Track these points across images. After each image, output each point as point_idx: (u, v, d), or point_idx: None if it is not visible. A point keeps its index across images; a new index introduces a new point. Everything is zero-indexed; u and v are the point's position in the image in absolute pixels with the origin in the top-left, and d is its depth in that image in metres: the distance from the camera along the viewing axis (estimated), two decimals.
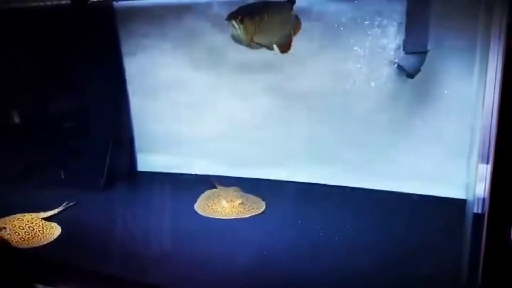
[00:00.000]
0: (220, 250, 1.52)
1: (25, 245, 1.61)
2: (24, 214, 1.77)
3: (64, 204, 1.87)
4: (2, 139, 2.18)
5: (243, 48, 1.47)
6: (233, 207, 1.77)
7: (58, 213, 1.83)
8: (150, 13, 2.01)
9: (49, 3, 1.72)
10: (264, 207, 1.80)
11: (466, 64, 1.66)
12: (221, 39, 1.91)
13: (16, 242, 1.61)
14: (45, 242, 1.63)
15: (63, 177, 2.12)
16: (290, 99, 1.96)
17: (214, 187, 2.01)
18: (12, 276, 1.59)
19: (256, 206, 1.80)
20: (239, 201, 1.80)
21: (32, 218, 1.74)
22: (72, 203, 1.89)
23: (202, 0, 1.89)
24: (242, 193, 1.92)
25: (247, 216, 1.73)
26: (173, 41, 2.04)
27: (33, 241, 1.63)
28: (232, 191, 1.93)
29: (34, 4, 1.74)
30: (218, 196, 1.87)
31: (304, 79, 1.91)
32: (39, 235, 1.66)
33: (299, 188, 2.01)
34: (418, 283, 1.30)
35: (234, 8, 1.41)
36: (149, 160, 2.29)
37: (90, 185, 2.05)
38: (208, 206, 1.82)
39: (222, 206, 1.78)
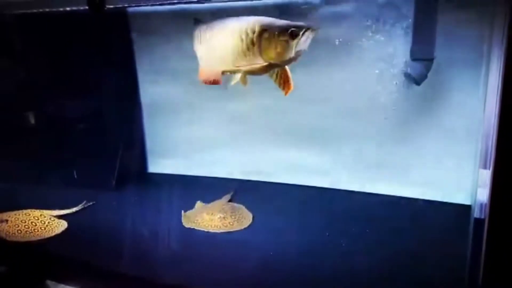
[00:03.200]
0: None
1: (20, 239, 1.64)
2: (35, 210, 1.81)
3: (82, 204, 1.90)
4: (18, 139, 2.24)
5: None
6: (212, 220, 1.71)
7: (75, 212, 1.86)
8: (164, 19, 2.06)
9: (68, 9, 1.78)
10: (247, 224, 1.72)
11: (473, 71, 1.67)
12: None
13: (12, 234, 1.65)
14: (42, 237, 1.66)
15: (76, 177, 2.16)
16: (298, 104, 1.96)
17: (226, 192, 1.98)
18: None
19: (239, 222, 1.71)
20: (219, 215, 1.73)
21: (41, 215, 1.77)
22: (90, 203, 1.92)
23: (220, 7, 1.93)
24: (235, 207, 1.84)
25: (222, 231, 1.66)
26: (185, 44, 2.08)
27: (31, 235, 1.66)
28: (221, 204, 1.86)
29: (54, 9, 1.79)
30: (205, 208, 1.82)
31: (310, 85, 1.93)
32: (38, 230, 1.68)
33: (302, 193, 2.02)
34: (419, 282, 1.32)
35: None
36: (160, 162, 2.33)
37: (101, 185, 2.10)
38: (192, 216, 1.77)
39: (202, 218, 1.73)
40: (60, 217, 1.81)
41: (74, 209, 1.87)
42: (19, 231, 1.67)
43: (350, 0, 1.76)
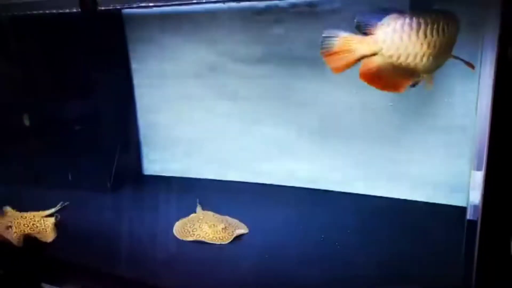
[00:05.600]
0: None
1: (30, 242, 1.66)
2: (27, 212, 1.83)
3: (59, 204, 1.94)
4: (13, 141, 2.25)
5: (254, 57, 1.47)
6: (216, 232, 1.65)
7: (55, 212, 1.89)
8: (159, 21, 2.06)
9: (60, 11, 1.78)
10: (246, 230, 1.70)
11: (469, 71, 1.66)
12: (231, 46, 1.96)
13: (22, 240, 1.66)
14: (48, 240, 1.69)
15: (70, 178, 2.17)
16: (289, 104, 1.98)
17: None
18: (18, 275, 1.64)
19: (238, 230, 1.68)
20: (222, 225, 1.68)
21: (34, 216, 1.79)
22: (66, 203, 1.96)
23: (211, 8, 1.93)
24: (223, 217, 1.80)
25: (230, 241, 1.62)
26: (181, 47, 2.09)
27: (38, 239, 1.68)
28: (212, 214, 1.81)
29: (47, 11, 1.80)
30: (198, 220, 1.76)
31: (304, 86, 1.94)
32: (43, 233, 1.71)
33: (297, 194, 2.02)
34: (411, 283, 1.33)
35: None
36: (156, 164, 2.33)
37: (97, 187, 2.10)
38: (188, 231, 1.70)
39: (204, 231, 1.67)
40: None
41: (53, 210, 1.90)
42: (27, 236, 1.68)
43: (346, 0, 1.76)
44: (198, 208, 1.89)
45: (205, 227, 1.68)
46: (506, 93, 1.05)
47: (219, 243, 1.62)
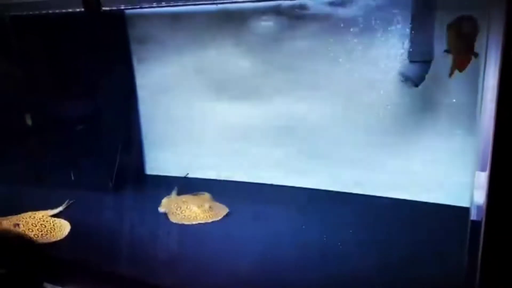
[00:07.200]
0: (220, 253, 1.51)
1: (39, 242, 1.66)
2: (35, 212, 1.83)
3: (66, 202, 1.95)
4: (16, 140, 2.26)
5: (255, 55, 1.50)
6: (205, 211, 1.76)
7: (61, 211, 1.90)
8: (161, 21, 2.07)
9: (64, 10, 1.79)
10: (227, 209, 1.80)
11: (472, 71, 1.66)
12: (231, 46, 1.96)
13: (29, 238, 1.65)
14: (57, 239, 1.69)
15: (73, 178, 2.17)
16: (291, 105, 1.98)
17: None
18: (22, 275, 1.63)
19: (221, 208, 1.80)
20: (208, 204, 1.78)
21: (42, 216, 1.80)
22: (72, 201, 1.97)
23: (212, 9, 1.94)
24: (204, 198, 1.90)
25: (219, 218, 1.74)
26: (182, 47, 2.09)
27: (46, 238, 1.68)
28: (196, 196, 1.91)
29: (50, 11, 1.81)
30: (183, 202, 1.84)
31: (307, 87, 1.93)
32: (51, 232, 1.71)
33: (299, 193, 2.03)
34: (414, 285, 1.33)
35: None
36: (158, 164, 2.33)
37: (99, 187, 2.10)
38: (178, 214, 1.78)
39: (193, 212, 1.76)
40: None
41: (61, 208, 1.91)
42: (36, 236, 1.69)
43: (347, 1, 1.77)
44: (173, 192, 1.97)
45: (193, 207, 1.76)
46: (511, 93, 1.05)
47: (211, 220, 1.72)
